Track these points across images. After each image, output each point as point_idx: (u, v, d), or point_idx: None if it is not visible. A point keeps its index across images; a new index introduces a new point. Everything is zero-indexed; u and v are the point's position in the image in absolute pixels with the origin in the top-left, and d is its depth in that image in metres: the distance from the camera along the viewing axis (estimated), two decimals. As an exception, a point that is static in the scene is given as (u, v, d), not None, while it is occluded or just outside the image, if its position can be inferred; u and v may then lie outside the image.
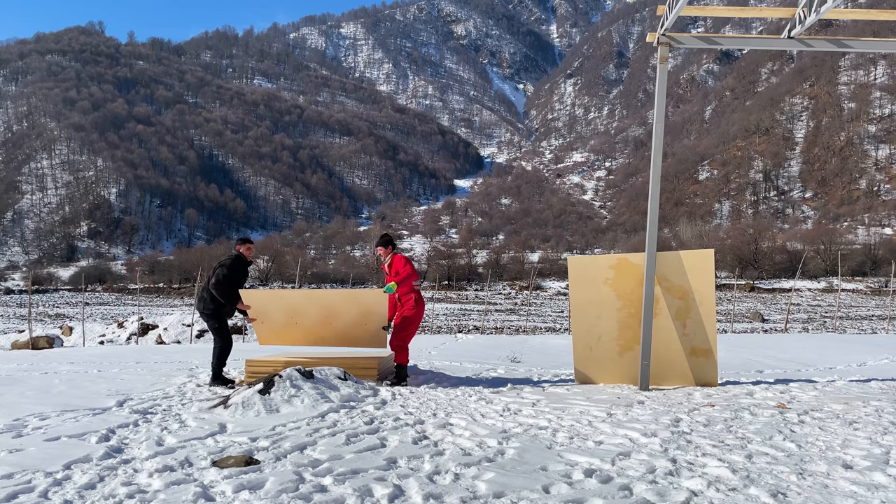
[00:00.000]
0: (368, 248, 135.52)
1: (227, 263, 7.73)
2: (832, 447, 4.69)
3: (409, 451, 4.55)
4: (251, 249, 8.06)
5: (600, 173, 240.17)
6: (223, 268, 7.65)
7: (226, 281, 7.62)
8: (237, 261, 7.80)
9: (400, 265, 7.78)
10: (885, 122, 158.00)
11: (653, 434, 5.06)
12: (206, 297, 7.74)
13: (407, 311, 7.88)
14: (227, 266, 7.69)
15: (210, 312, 7.69)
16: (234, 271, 7.71)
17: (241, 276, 7.83)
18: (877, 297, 60.54)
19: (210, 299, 7.67)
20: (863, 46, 7.62)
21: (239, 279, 7.81)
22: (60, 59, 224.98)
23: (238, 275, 7.78)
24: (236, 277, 7.74)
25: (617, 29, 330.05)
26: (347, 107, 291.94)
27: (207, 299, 7.71)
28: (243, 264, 7.88)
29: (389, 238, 8.13)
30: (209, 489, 3.72)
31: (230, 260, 7.79)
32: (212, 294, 7.66)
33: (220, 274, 7.63)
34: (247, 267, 8.00)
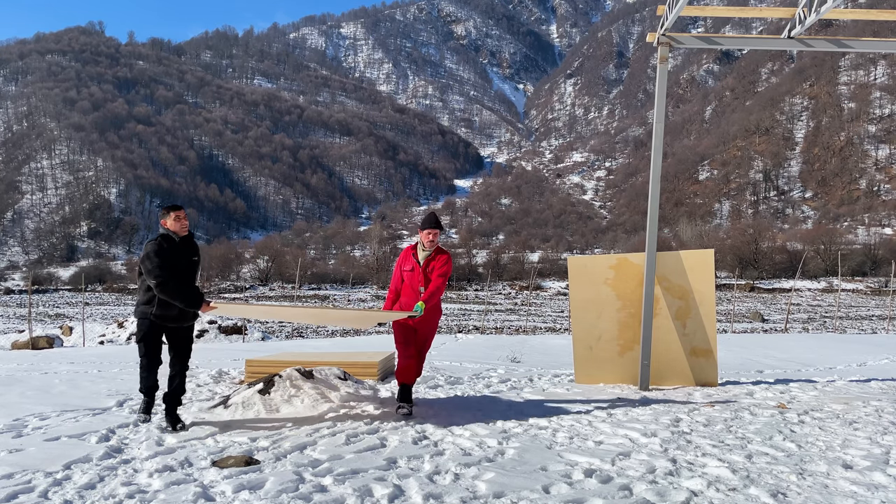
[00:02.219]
0: (368, 248, 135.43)
1: (151, 252, 5.29)
2: (832, 447, 4.69)
3: (409, 451, 4.55)
4: (182, 220, 5.48)
5: (600, 173, 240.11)
6: (147, 260, 5.25)
7: (165, 274, 5.20)
8: (161, 246, 5.32)
9: (448, 267, 5.92)
10: (885, 122, 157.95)
11: (653, 434, 5.06)
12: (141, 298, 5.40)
13: (433, 319, 6.01)
14: (152, 256, 5.26)
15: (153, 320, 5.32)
16: (165, 257, 5.26)
17: (180, 261, 5.35)
18: (877, 297, 60.53)
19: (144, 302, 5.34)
20: (863, 46, 7.62)
21: (178, 264, 5.33)
22: (60, 59, 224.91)
23: (172, 259, 5.30)
24: (171, 262, 5.27)
25: (617, 29, 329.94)
26: (347, 107, 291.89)
27: (141, 301, 5.38)
28: (174, 245, 5.37)
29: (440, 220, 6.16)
30: (209, 489, 3.72)
31: (153, 245, 5.34)
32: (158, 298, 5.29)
33: (149, 269, 5.24)
34: (186, 246, 5.48)
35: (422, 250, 5.94)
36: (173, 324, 5.38)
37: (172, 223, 5.43)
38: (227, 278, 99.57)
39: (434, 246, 5.93)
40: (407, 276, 5.96)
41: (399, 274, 6.05)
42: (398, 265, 6.08)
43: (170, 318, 5.34)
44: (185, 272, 5.38)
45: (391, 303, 6.10)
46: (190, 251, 5.50)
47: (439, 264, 5.89)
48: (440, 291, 5.85)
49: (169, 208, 5.49)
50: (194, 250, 5.56)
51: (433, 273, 5.85)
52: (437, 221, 6.00)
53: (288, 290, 79.70)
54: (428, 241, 5.88)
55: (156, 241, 5.39)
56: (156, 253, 5.26)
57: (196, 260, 5.53)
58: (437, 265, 5.88)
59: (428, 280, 5.84)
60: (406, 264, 6.00)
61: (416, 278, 5.88)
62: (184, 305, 5.24)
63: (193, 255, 5.52)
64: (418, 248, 5.98)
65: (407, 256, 6.01)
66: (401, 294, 6.02)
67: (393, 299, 6.08)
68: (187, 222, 5.52)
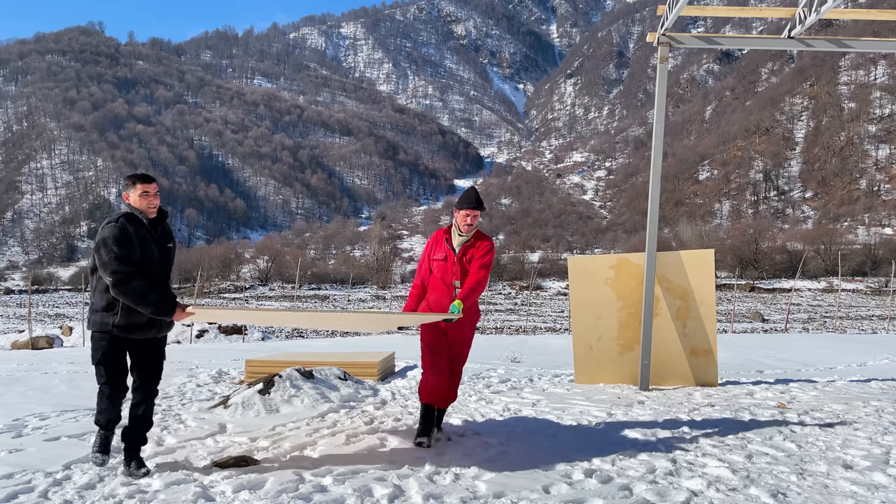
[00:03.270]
0: (368, 248, 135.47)
1: (109, 237, 3.89)
2: (832, 447, 4.69)
3: (409, 451, 4.55)
4: (150, 196, 4.05)
5: (600, 173, 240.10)
6: (103, 249, 3.88)
7: (126, 269, 3.84)
8: (124, 230, 3.92)
9: (491, 256, 4.82)
10: (885, 122, 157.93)
11: (653, 434, 5.05)
12: (97, 302, 4.02)
13: (469, 323, 4.85)
14: (110, 243, 3.88)
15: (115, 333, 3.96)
16: (127, 245, 3.90)
17: (148, 251, 3.98)
18: (877, 297, 60.51)
19: (103, 308, 3.98)
20: (863, 46, 7.62)
21: (146, 255, 3.97)
22: (60, 59, 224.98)
23: (138, 247, 3.94)
24: (136, 252, 3.92)
25: (617, 29, 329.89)
26: (347, 107, 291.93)
27: (98, 307, 4.01)
28: (140, 228, 3.99)
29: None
30: (209, 489, 3.72)
31: (113, 228, 3.92)
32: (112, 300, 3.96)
33: (105, 261, 3.87)
34: (157, 230, 4.10)
35: (458, 235, 4.81)
36: (141, 335, 4.01)
37: (138, 199, 4.00)
38: (227, 278, 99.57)
39: (473, 230, 4.80)
40: (437, 266, 4.84)
41: (427, 264, 4.94)
42: (426, 253, 4.99)
43: (138, 328, 3.97)
44: (156, 266, 4.01)
45: (416, 300, 4.95)
46: (162, 237, 4.11)
47: (480, 252, 4.76)
48: (481, 287, 4.69)
49: (135, 178, 4.05)
50: (167, 236, 4.16)
51: (472, 264, 4.75)
52: (478, 199, 4.79)
53: (288, 290, 79.69)
54: (465, 225, 4.76)
55: (116, 224, 3.91)
56: (116, 239, 3.85)
57: (170, 248, 4.19)
58: (478, 253, 4.75)
59: (465, 272, 4.75)
60: (437, 252, 4.87)
61: (450, 270, 4.77)
62: (151, 312, 3.88)
63: (167, 241, 4.14)
64: (453, 231, 4.87)
65: (438, 242, 4.91)
66: (428, 289, 4.89)
67: (418, 296, 4.95)
68: (157, 200, 4.09)
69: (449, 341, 4.79)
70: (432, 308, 4.80)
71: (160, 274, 4.08)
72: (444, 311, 4.65)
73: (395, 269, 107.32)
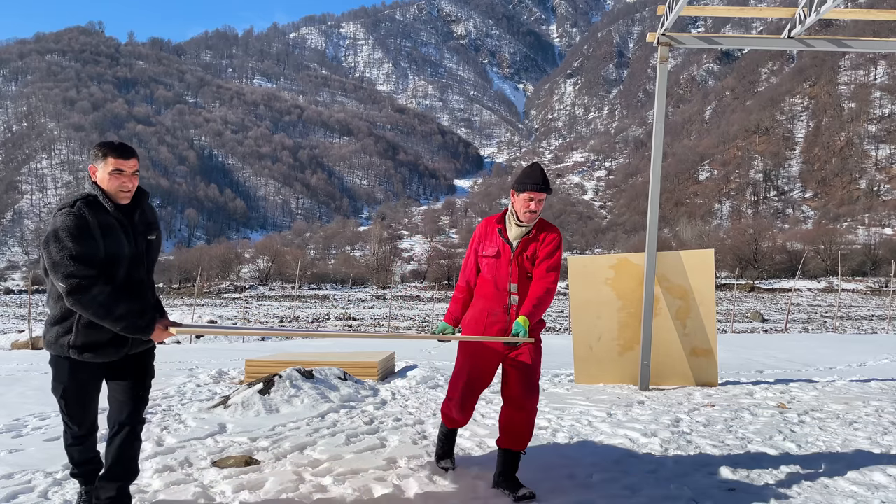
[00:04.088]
0: (368, 248, 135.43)
1: (62, 227, 2.89)
2: (832, 447, 4.69)
3: (409, 451, 4.55)
4: (124, 176, 3.01)
5: (600, 173, 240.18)
6: (54, 245, 2.89)
7: (85, 271, 2.87)
8: (82, 218, 2.92)
9: (560, 253, 3.80)
10: (885, 122, 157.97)
11: (653, 434, 5.06)
12: (50, 312, 3.10)
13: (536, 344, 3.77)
14: (62, 236, 2.89)
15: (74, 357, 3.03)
16: (86, 240, 2.91)
17: (118, 247, 3.00)
18: (877, 297, 60.51)
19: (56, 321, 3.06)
20: (863, 46, 7.62)
21: (115, 251, 2.99)
22: (60, 59, 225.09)
23: (102, 242, 2.96)
24: (100, 249, 2.94)
25: (617, 29, 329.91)
26: (347, 107, 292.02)
27: (51, 319, 3.09)
28: (106, 216, 2.99)
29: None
30: (209, 489, 3.72)
31: (67, 216, 2.91)
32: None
33: (56, 261, 2.88)
34: (131, 219, 3.09)
35: (515, 224, 3.75)
36: (110, 356, 3.03)
37: (107, 178, 2.97)
38: (227, 278, 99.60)
39: (536, 218, 3.74)
40: (488, 265, 3.80)
41: (473, 260, 3.91)
42: (472, 247, 3.95)
43: (103, 347, 3.01)
44: (128, 266, 3.02)
45: (462, 306, 3.94)
46: (139, 226, 3.10)
47: (547, 248, 3.72)
48: (550, 297, 3.65)
49: (107, 148, 2.99)
50: (148, 226, 3.15)
51: (538, 264, 3.71)
52: (544, 179, 3.72)
53: (288, 290, 79.70)
54: (527, 212, 3.68)
55: (71, 210, 2.90)
56: (70, 231, 2.85)
57: (152, 241, 3.17)
58: (544, 250, 3.72)
59: (525, 274, 3.73)
60: (487, 246, 3.83)
61: (504, 270, 3.73)
62: (121, 329, 2.91)
63: (147, 231, 3.14)
64: (508, 220, 3.81)
65: (489, 233, 3.86)
66: (475, 293, 3.88)
67: (464, 301, 3.94)
68: (134, 183, 3.03)
69: (508, 368, 3.71)
70: (479, 321, 3.78)
71: (134, 277, 3.04)
72: (495, 322, 3.72)
73: (394, 269, 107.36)
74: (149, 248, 3.19)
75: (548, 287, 3.65)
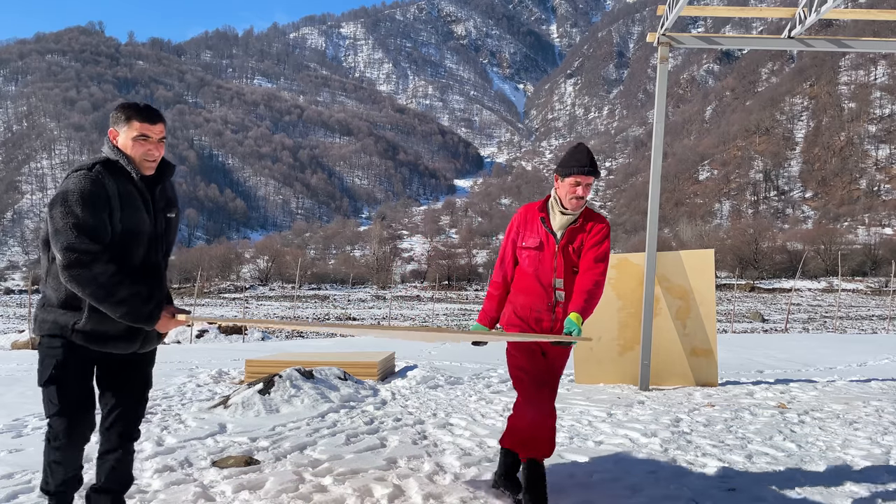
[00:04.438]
0: (368, 248, 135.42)
1: (74, 191, 2.54)
2: (832, 447, 4.69)
3: (409, 451, 4.55)
4: (150, 143, 2.69)
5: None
6: (61, 208, 2.54)
7: (91, 246, 2.53)
8: (98, 183, 2.58)
9: (608, 244, 3.46)
10: (885, 122, 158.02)
11: (653, 434, 5.06)
12: (51, 293, 2.71)
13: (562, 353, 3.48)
14: (72, 201, 2.54)
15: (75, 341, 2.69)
16: (99, 209, 2.56)
17: (135, 221, 2.68)
18: (877, 297, 60.53)
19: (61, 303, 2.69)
20: (863, 46, 7.62)
21: (131, 226, 2.67)
22: (60, 59, 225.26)
23: (119, 213, 2.63)
24: (115, 221, 2.61)
25: (617, 29, 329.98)
26: (347, 107, 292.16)
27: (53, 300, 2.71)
28: (125, 185, 2.66)
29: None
30: (209, 489, 3.72)
31: (80, 179, 2.57)
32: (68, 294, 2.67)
33: (59, 228, 2.53)
34: (153, 192, 2.76)
35: (560, 212, 3.43)
36: (119, 349, 2.72)
37: (131, 144, 2.65)
38: (227, 278, 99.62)
39: (583, 206, 3.43)
40: (529, 257, 3.46)
41: (511, 252, 3.56)
42: (510, 237, 3.58)
43: (113, 340, 2.69)
44: (145, 245, 2.71)
45: (498, 303, 3.59)
46: (161, 202, 2.79)
47: (594, 238, 3.40)
48: (600, 290, 3.33)
49: (131, 110, 2.69)
50: (169, 202, 2.84)
51: (585, 255, 3.38)
52: (592, 161, 3.37)
53: (288, 290, 79.72)
54: (574, 198, 3.36)
55: (88, 173, 2.58)
56: (83, 197, 2.52)
57: (171, 219, 2.85)
58: (591, 240, 3.40)
59: (570, 267, 3.40)
60: (527, 236, 3.48)
61: (548, 263, 3.41)
62: (121, 316, 2.57)
63: (167, 209, 2.83)
64: (551, 207, 3.48)
65: (529, 222, 3.51)
66: (513, 288, 3.54)
67: (500, 297, 3.58)
68: (161, 152, 2.73)
69: (549, 360, 3.45)
70: (519, 314, 3.46)
71: (152, 259, 2.74)
72: (537, 320, 3.41)
73: (394, 269, 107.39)
74: (168, 228, 2.86)
75: (596, 279, 3.31)
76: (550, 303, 3.40)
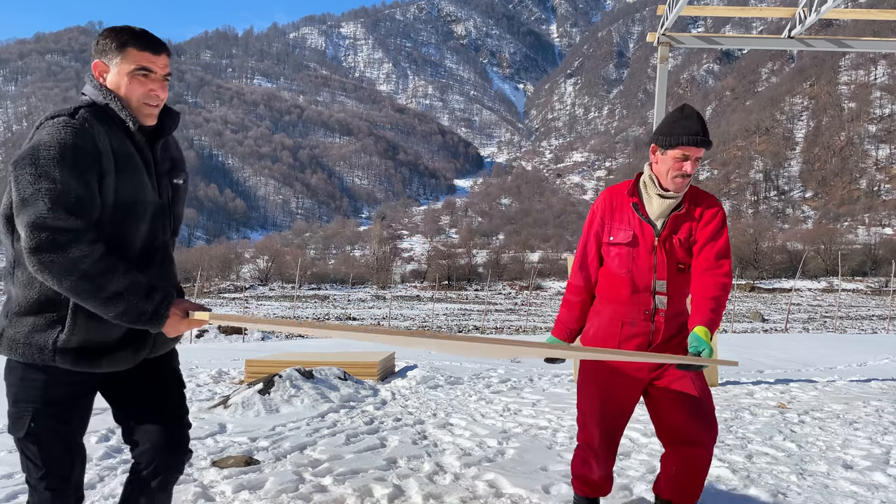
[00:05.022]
0: (368, 248, 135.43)
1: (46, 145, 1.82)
2: (832, 447, 4.69)
3: (409, 451, 4.55)
4: (152, 81, 1.95)
5: (600, 173, 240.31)
6: (30, 169, 1.80)
7: (69, 221, 1.77)
8: (80, 134, 1.85)
9: (727, 231, 2.77)
10: (885, 122, 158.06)
11: (653, 434, 5.05)
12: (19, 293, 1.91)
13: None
14: (44, 158, 1.80)
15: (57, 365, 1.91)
16: (77, 170, 1.81)
17: (129, 188, 1.92)
18: (877, 297, 60.52)
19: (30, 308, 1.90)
20: (863, 46, 7.62)
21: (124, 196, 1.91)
22: (60, 59, 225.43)
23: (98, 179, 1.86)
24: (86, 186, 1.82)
25: (617, 29, 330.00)
26: (347, 107, 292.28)
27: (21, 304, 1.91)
28: (117, 136, 1.92)
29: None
30: (209, 489, 3.72)
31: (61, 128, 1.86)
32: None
33: (25, 196, 1.78)
34: (153, 148, 2.02)
35: (657, 195, 2.70)
36: (122, 365, 2.02)
37: (127, 82, 1.96)
38: (227, 278, 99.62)
39: (688, 185, 2.72)
40: (619, 255, 2.76)
41: (595, 248, 2.87)
42: (592, 229, 2.88)
43: (111, 353, 1.98)
44: (150, 223, 2.02)
45: (580, 311, 2.91)
46: (163, 163, 2.09)
47: (709, 228, 2.69)
48: (727, 294, 2.62)
49: (126, 35, 1.97)
50: (175, 163, 2.15)
51: (699, 250, 2.68)
52: (704, 128, 2.63)
53: (288, 290, 79.73)
54: (678, 176, 2.64)
55: (69, 121, 1.92)
56: (60, 151, 1.83)
57: (179, 185, 2.15)
58: (706, 230, 2.69)
59: (676, 266, 2.71)
60: (616, 227, 2.79)
61: (646, 262, 2.71)
62: (113, 315, 1.82)
63: (174, 172, 2.14)
64: (643, 189, 2.77)
65: (617, 209, 2.81)
66: (598, 293, 2.87)
67: (582, 304, 2.91)
68: (165, 93, 2.01)
69: (658, 398, 2.81)
70: (609, 330, 2.80)
71: (157, 240, 2.04)
72: (635, 336, 2.74)
73: (394, 269, 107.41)
74: (175, 198, 2.11)
75: (722, 282, 2.60)
76: (648, 310, 2.71)
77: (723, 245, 2.68)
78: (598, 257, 2.86)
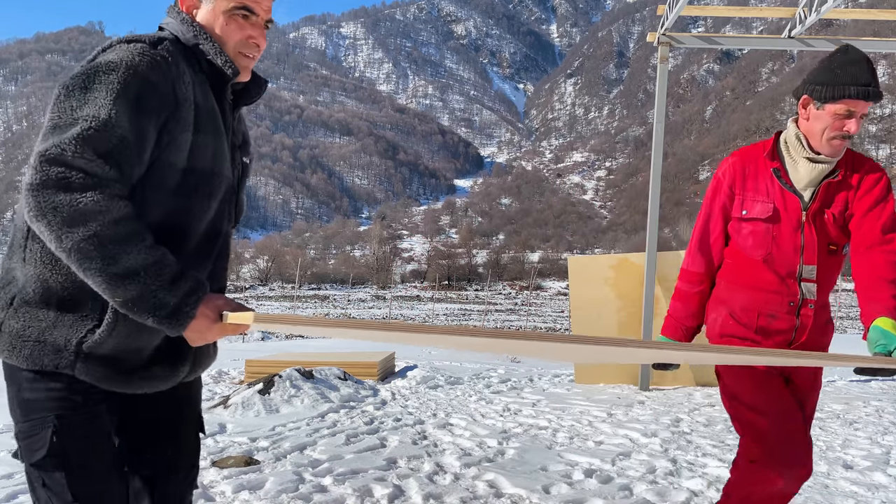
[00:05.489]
0: (368, 247, 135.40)
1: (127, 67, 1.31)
2: (832, 447, 4.69)
3: (409, 451, 4.55)
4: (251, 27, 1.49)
5: (600, 173, 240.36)
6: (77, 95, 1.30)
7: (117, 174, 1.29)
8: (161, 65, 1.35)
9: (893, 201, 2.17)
10: (885, 122, 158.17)
11: (653, 434, 5.05)
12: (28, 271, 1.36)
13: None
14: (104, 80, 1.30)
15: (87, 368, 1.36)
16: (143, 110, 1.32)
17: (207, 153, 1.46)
18: (877, 297, 60.51)
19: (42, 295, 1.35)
20: (863, 46, 7.62)
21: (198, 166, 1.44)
22: (60, 59, 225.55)
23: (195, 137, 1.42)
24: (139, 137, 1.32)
25: (617, 29, 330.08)
26: (347, 106, 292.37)
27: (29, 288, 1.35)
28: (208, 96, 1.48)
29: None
30: (209, 489, 3.72)
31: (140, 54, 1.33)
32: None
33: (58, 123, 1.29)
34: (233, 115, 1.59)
35: (807, 159, 2.21)
36: (156, 385, 1.47)
37: (223, 21, 1.48)
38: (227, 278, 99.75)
39: (845, 148, 2.22)
40: (755, 233, 2.26)
41: (721, 227, 2.36)
42: (717, 203, 2.36)
43: (147, 369, 1.44)
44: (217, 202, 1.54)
45: (698, 304, 2.49)
46: (238, 136, 1.64)
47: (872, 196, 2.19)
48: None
49: None
50: (245, 140, 1.70)
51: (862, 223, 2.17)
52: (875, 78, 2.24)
53: (288, 290, 79.75)
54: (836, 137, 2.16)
55: (147, 48, 1.37)
56: (128, 80, 1.32)
57: (247, 166, 1.73)
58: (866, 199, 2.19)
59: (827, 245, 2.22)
60: (751, 200, 2.28)
61: (790, 241, 2.21)
62: (121, 302, 1.28)
63: (244, 150, 1.69)
64: (786, 152, 2.28)
65: (750, 176, 2.30)
66: (725, 278, 2.39)
67: (699, 295, 2.46)
68: (265, 42, 1.55)
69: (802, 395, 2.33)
70: (741, 320, 2.34)
71: (219, 225, 1.61)
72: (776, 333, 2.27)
73: (394, 269, 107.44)
74: (241, 180, 1.72)
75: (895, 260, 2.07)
76: (794, 302, 2.22)
77: (889, 217, 2.14)
78: (724, 236, 2.34)
